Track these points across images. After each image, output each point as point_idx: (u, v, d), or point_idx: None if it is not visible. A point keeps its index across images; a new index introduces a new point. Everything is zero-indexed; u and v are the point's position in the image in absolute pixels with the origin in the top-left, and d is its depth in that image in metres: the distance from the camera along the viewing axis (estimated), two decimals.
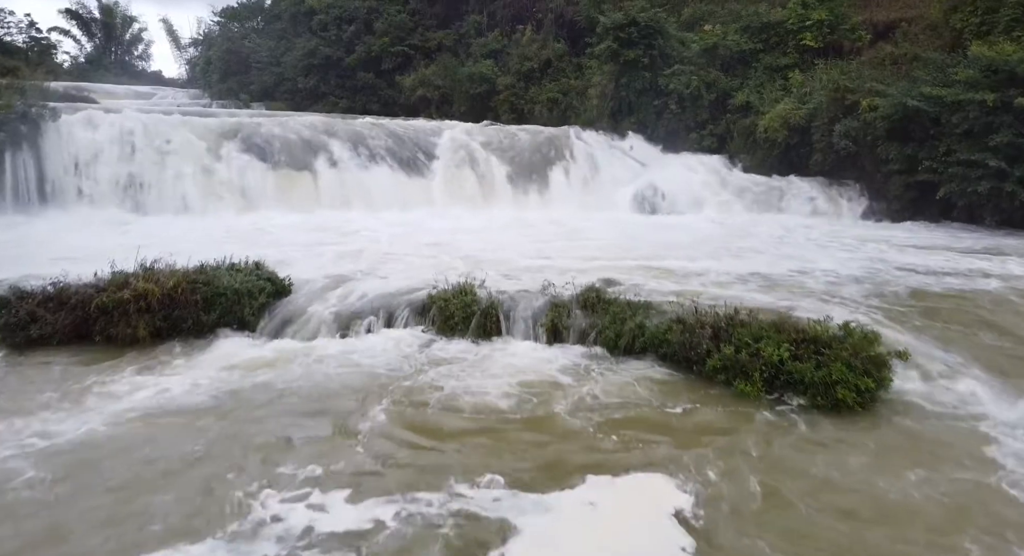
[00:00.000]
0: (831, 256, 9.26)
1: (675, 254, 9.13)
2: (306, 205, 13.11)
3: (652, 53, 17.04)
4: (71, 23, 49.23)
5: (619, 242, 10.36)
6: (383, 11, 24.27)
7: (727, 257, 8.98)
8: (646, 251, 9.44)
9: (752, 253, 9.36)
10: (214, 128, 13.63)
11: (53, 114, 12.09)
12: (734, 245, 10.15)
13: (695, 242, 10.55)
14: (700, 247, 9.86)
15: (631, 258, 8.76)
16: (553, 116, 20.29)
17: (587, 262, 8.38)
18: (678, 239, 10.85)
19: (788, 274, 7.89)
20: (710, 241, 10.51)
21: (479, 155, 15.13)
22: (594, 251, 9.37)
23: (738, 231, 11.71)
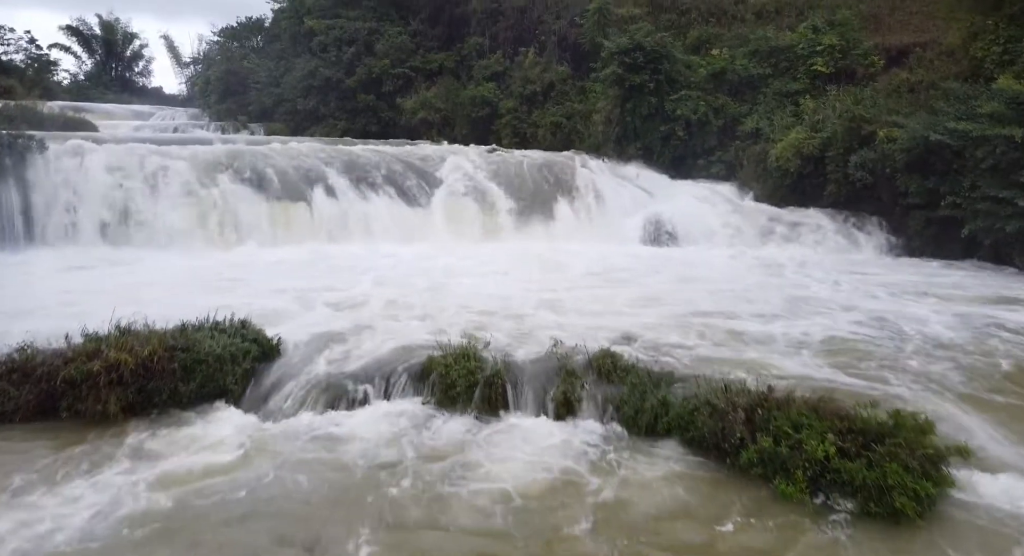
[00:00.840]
0: (877, 302, 8.63)
1: (699, 300, 8.60)
2: (302, 238, 12.64)
3: (658, 78, 16.64)
4: (72, 40, 49.08)
5: (633, 282, 9.83)
6: (384, 32, 23.93)
7: (748, 304, 8.36)
8: (665, 295, 8.91)
9: (782, 299, 8.69)
10: (207, 157, 13.18)
11: (40, 145, 11.64)
12: (754, 287, 9.57)
13: (713, 281, 10.06)
14: (720, 289, 9.31)
15: (650, 305, 8.24)
16: (556, 140, 19.88)
17: (601, 310, 7.90)
18: (694, 277, 10.39)
19: (850, 334, 7.14)
20: (730, 280, 9.97)
21: (482, 184, 14.67)
22: (606, 294, 8.85)
23: (757, 267, 11.20)
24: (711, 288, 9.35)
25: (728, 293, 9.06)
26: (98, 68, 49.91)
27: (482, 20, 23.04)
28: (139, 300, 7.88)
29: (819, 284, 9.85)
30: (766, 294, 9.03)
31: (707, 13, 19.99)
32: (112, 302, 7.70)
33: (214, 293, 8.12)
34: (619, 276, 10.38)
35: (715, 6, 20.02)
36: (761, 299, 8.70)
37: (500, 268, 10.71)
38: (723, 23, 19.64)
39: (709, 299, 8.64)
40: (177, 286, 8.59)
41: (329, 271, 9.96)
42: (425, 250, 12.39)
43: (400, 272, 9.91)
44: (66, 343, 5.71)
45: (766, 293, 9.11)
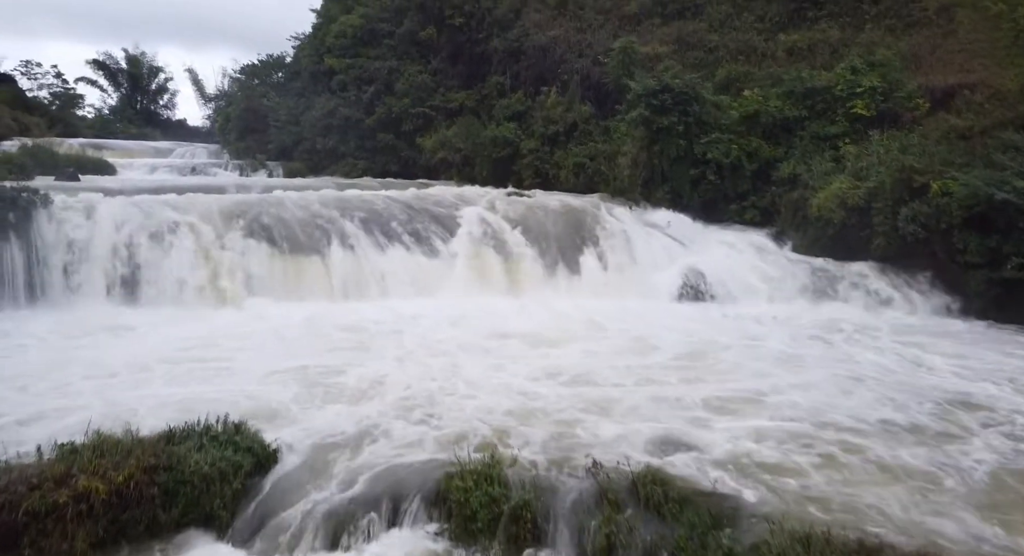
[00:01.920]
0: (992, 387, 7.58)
1: (760, 379, 7.72)
2: (315, 294, 12.01)
3: (687, 120, 15.95)
4: (98, 73, 50.02)
5: (675, 352, 8.98)
6: (404, 71, 23.63)
7: (843, 398, 7.15)
8: (717, 364, 8.10)
9: (872, 391, 7.41)
10: (219, 208, 12.67)
11: (44, 200, 11.19)
12: (822, 365, 8.44)
13: (765, 349, 9.20)
14: (781, 364, 8.41)
15: (698, 383, 7.38)
16: (580, 181, 19.23)
17: (644, 396, 7.03)
18: (746, 344, 9.47)
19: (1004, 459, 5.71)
20: (798, 362, 8.81)
21: (504, 233, 13.98)
22: (647, 370, 8.02)
23: (811, 334, 10.22)
24: (774, 371, 8.23)
25: (803, 378, 7.86)
26: (123, 101, 50.73)
27: (503, 59, 22.64)
28: (134, 382, 7.26)
29: (896, 360, 8.70)
30: (844, 381, 7.77)
31: (736, 51, 19.34)
32: (104, 386, 7.15)
33: (212, 376, 7.41)
34: (660, 342, 9.48)
35: (744, 44, 19.38)
36: (842, 388, 7.49)
37: (526, 328, 9.98)
38: (753, 61, 18.96)
39: (789, 389, 7.43)
40: (176, 363, 7.91)
41: (339, 341, 9.22)
42: (444, 306, 11.64)
43: (416, 342, 9.12)
44: (37, 455, 5.06)
45: (841, 378, 7.87)
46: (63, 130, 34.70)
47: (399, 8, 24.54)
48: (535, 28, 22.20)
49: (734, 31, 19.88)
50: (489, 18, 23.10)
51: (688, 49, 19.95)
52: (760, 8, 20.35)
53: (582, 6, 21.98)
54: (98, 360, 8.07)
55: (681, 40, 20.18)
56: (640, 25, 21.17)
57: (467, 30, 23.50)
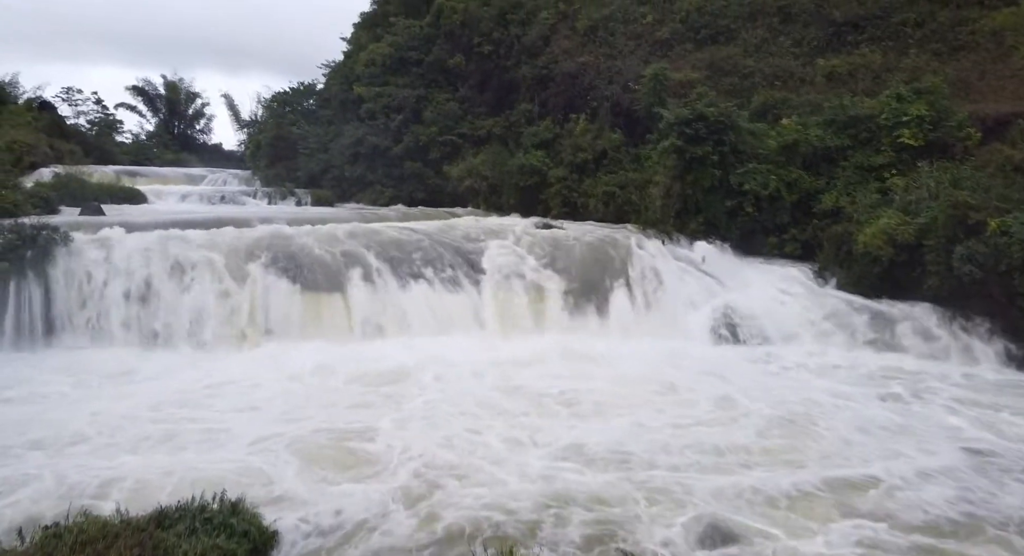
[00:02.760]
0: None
1: (861, 458, 6.74)
2: (335, 333, 11.62)
3: (722, 149, 15.34)
4: (137, 99, 51.31)
5: (717, 410, 8.27)
6: (432, 99, 23.50)
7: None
8: (800, 435, 7.23)
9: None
10: (239, 244, 12.42)
11: (64, 237, 11.04)
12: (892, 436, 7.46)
13: (848, 412, 8.31)
14: (878, 435, 7.52)
15: (742, 451, 6.71)
16: (609, 211, 18.70)
17: (709, 487, 6.14)
18: (820, 403, 8.61)
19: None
20: (880, 420, 7.99)
21: (529, 269, 13.48)
22: (689, 432, 7.33)
23: (866, 388, 9.37)
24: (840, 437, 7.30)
25: (916, 457, 6.82)
26: (161, 127, 51.95)
27: (531, 86, 22.35)
28: (135, 444, 6.83)
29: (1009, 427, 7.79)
30: (972, 461, 6.68)
31: (772, 76, 18.72)
32: (104, 446, 6.76)
33: (209, 440, 6.93)
34: (696, 395, 8.79)
35: (781, 69, 18.75)
36: (975, 471, 6.42)
37: (554, 372, 9.43)
38: (790, 87, 18.31)
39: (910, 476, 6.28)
40: (180, 421, 7.46)
41: (354, 392, 8.72)
42: (466, 348, 11.14)
43: (435, 395, 8.59)
44: (18, 539, 4.67)
45: (967, 458, 6.78)
46: (100, 157, 35.43)
47: (428, 37, 24.49)
48: (564, 55, 21.89)
49: (770, 56, 19.28)
50: (518, 45, 22.88)
51: (722, 75, 19.39)
52: (797, 32, 19.73)
53: (612, 32, 21.61)
54: (98, 410, 7.75)
55: (714, 66, 19.63)
56: (672, 50, 20.70)
57: (495, 57, 23.32)
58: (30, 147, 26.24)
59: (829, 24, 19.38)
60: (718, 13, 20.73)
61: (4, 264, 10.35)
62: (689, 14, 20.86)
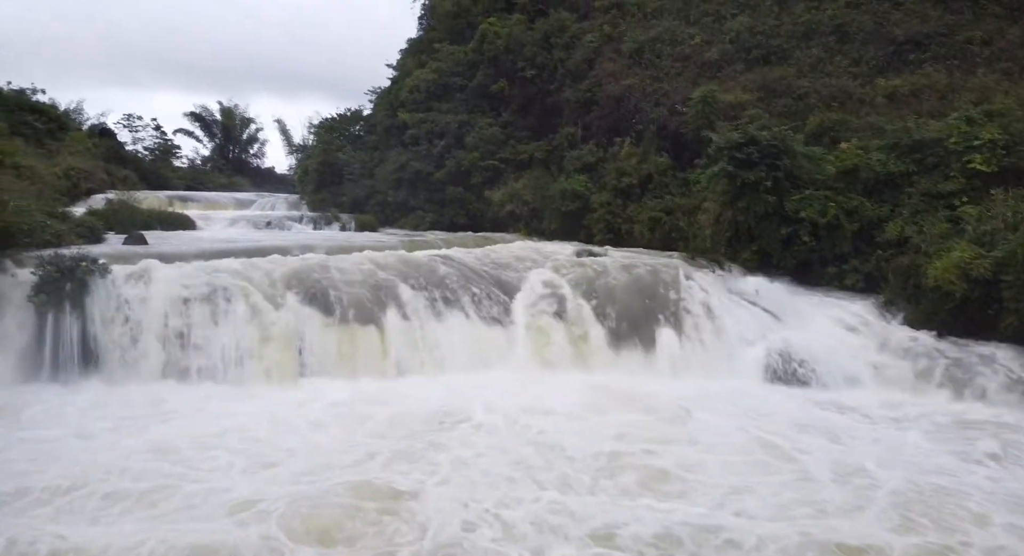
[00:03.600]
0: None
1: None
2: (369, 369, 11.26)
3: (776, 175, 14.58)
4: (194, 125, 53.26)
5: (807, 482, 7.09)
6: (475, 124, 23.35)
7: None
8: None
9: None
10: (276, 274, 12.22)
11: (102, 269, 11.01)
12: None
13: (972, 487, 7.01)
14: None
15: None
16: (655, 237, 18.05)
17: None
18: (908, 461, 7.58)
19: None
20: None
21: (570, 301, 12.91)
22: (798, 522, 6.02)
23: (965, 437, 8.41)
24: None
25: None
26: (216, 151, 53.69)
27: (575, 110, 21.97)
28: (108, 505, 6.30)
29: None
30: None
31: (828, 97, 17.85)
32: (72, 504, 6.32)
33: (198, 508, 6.38)
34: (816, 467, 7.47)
35: (838, 90, 17.87)
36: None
37: (604, 427, 8.62)
38: (848, 108, 17.41)
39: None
40: (175, 476, 6.98)
41: (384, 442, 8.14)
42: (503, 387, 10.60)
43: (467, 449, 7.85)
44: None
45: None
46: (155, 182, 36.58)
47: (471, 62, 24.45)
48: (609, 78, 21.46)
49: (826, 76, 18.42)
50: (561, 69, 22.59)
51: (775, 96, 18.61)
52: (855, 51, 18.85)
53: (659, 54, 21.08)
54: (120, 453, 7.47)
55: (766, 87, 18.87)
56: (721, 72, 20.03)
57: (538, 81, 23.08)
58: (87, 174, 27.13)
59: (889, 42, 18.45)
60: (770, 33, 20.01)
61: (42, 297, 10.35)
62: (739, 34, 20.19)
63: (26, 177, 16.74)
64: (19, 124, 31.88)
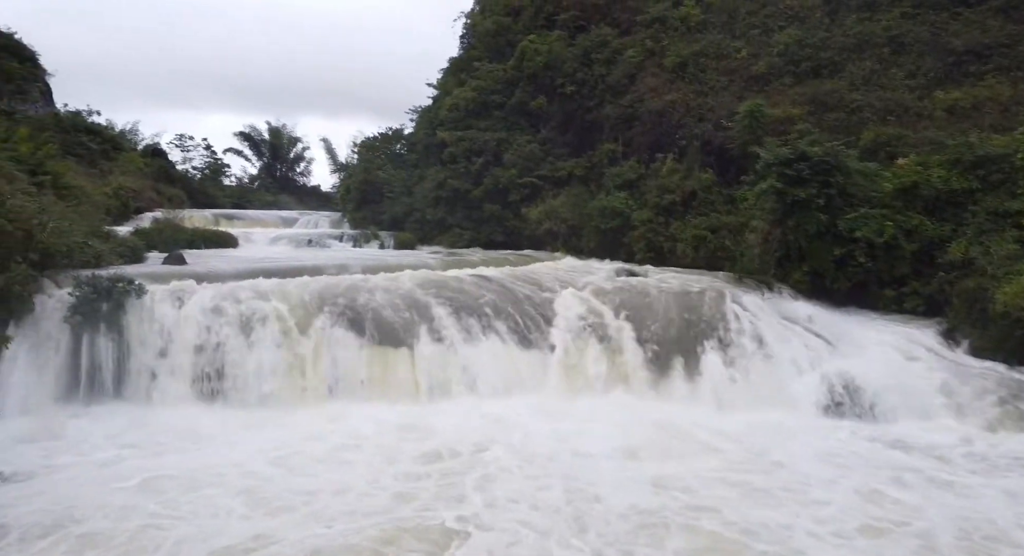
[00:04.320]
0: None
1: None
2: (399, 393, 10.97)
3: (829, 192, 13.84)
4: (243, 144, 54.69)
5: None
6: (513, 142, 23.13)
7: None
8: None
9: None
10: (308, 295, 12.07)
11: (138, 290, 11.02)
12: None
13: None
14: None
15: None
16: (700, 256, 17.38)
17: None
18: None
19: None
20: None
21: (608, 322, 12.41)
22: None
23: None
24: None
25: None
26: (264, 170, 54.96)
27: (615, 126, 21.52)
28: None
29: None
30: None
31: (883, 111, 16.98)
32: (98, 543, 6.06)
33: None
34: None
35: (893, 103, 16.99)
36: None
37: (645, 465, 8.02)
38: (905, 122, 16.51)
39: None
40: (171, 520, 6.56)
41: (413, 481, 7.65)
42: (537, 415, 10.17)
43: (497, 490, 7.31)
44: None
45: None
46: (203, 200, 37.45)
47: (510, 80, 24.31)
48: (651, 93, 20.95)
49: (880, 89, 17.55)
50: (602, 85, 22.21)
51: (826, 110, 17.79)
52: (911, 63, 17.96)
53: (703, 68, 20.51)
54: (139, 486, 7.27)
55: (817, 100, 18.07)
56: (768, 85, 19.33)
57: (578, 98, 22.74)
58: (136, 193, 27.87)
59: (948, 54, 17.53)
60: (820, 45, 19.25)
61: (78, 318, 10.38)
62: (788, 47, 19.48)
63: (74, 197, 17.15)
64: (74, 144, 33.10)
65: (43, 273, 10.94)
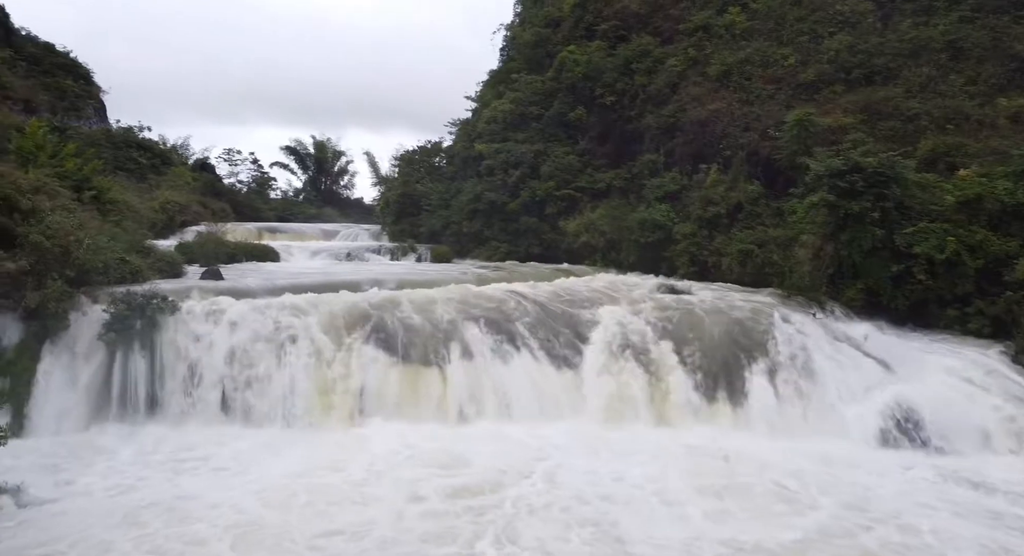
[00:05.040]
0: None
1: None
2: (430, 414, 10.65)
3: (884, 205, 13.08)
4: (289, 158, 55.82)
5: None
6: (550, 153, 22.78)
7: None
8: None
9: None
10: (342, 312, 11.87)
11: (172, 307, 10.98)
12: None
13: None
14: None
15: None
16: (746, 272, 16.66)
17: None
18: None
19: None
20: None
21: (649, 343, 11.88)
22: None
23: None
24: None
25: None
26: (309, 183, 55.97)
27: (656, 136, 20.97)
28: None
29: None
30: None
31: (942, 119, 16.05)
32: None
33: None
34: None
35: (953, 111, 16.06)
36: None
37: (691, 508, 7.30)
38: (966, 131, 15.57)
39: None
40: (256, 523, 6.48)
41: (438, 518, 7.18)
42: (573, 444, 9.68)
43: (527, 539, 6.71)
44: None
45: None
46: (248, 213, 38.12)
47: (549, 91, 24.03)
48: (693, 102, 20.36)
49: (938, 96, 16.63)
50: (642, 95, 21.71)
51: (879, 119, 16.94)
52: (970, 69, 16.97)
53: (748, 76, 19.83)
54: (177, 489, 7.06)
55: (870, 108, 17.23)
56: (818, 93, 18.53)
57: (618, 108, 22.31)
58: (182, 206, 28.40)
59: (1010, 59, 16.54)
60: (873, 51, 18.38)
61: (112, 335, 10.38)
62: (839, 53, 18.67)
63: (118, 212, 17.42)
64: (125, 159, 34.13)
65: (79, 289, 10.99)
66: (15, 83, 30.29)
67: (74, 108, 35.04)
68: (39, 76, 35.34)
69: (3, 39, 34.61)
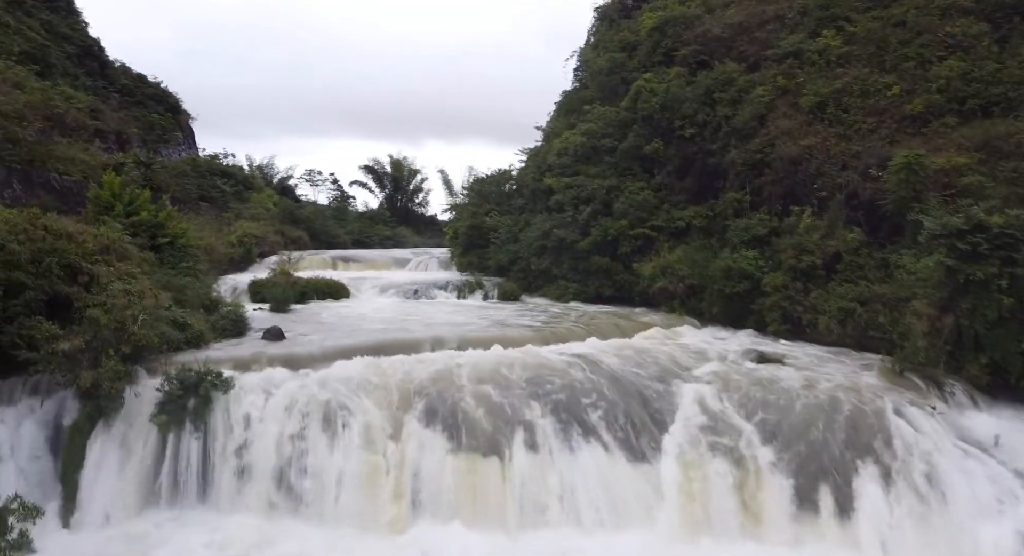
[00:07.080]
0: None
1: None
2: (488, 514, 9.70)
3: (1014, 271, 11.24)
4: (367, 177, 57.13)
5: None
6: (624, 189, 21.50)
7: None
8: None
9: None
10: (396, 385, 11.15)
11: (225, 385, 10.55)
12: None
13: None
14: None
15: None
16: (847, 333, 14.92)
17: None
18: None
19: None
20: None
21: (735, 431, 10.52)
22: None
23: None
24: None
25: None
26: (386, 201, 56.97)
27: (741, 172, 19.36)
28: None
29: None
30: None
31: None
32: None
33: None
34: None
35: None
36: None
37: None
38: None
39: None
40: None
41: None
42: (649, 552, 8.56)
43: None
44: None
45: None
46: (324, 239, 38.68)
47: (623, 122, 22.75)
48: (784, 136, 18.65)
49: None
50: (726, 127, 20.13)
51: (1001, 157, 14.80)
52: None
53: (846, 108, 17.98)
54: None
55: (989, 146, 15.11)
56: (927, 127, 16.53)
57: (699, 141, 20.80)
58: (258, 239, 28.86)
59: None
60: (990, 79, 16.20)
61: (163, 417, 10.03)
62: (950, 82, 16.59)
63: (191, 257, 17.53)
64: (209, 188, 35.26)
65: (136, 363, 10.73)
66: (109, 115, 31.72)
67: (162, 140, 36.52)
68: (131, 107, 37.07)
69: (98, 72, 36.51)
